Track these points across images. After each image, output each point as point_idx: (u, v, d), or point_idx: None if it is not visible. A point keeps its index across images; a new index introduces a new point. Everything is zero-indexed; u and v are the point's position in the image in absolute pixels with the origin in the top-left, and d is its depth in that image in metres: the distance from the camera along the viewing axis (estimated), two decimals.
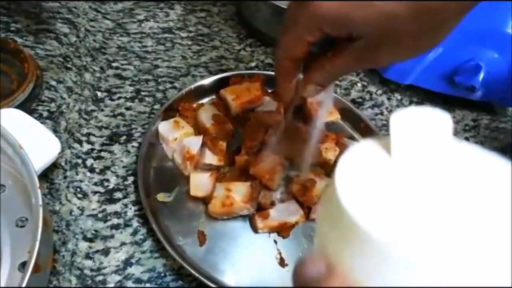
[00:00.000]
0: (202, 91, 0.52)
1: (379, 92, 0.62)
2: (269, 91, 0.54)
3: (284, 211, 0.44)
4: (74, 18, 0.56)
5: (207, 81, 0.53)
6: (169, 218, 0.43)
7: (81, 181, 0.44)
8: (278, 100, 0.52)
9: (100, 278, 0.39)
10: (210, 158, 0.45)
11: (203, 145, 0.45)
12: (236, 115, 0.50)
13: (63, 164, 0.44)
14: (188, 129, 0.47)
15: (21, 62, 0.46)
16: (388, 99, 0.62)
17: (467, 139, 0.60)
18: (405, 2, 0.27)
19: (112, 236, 0.41)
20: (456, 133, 0.60)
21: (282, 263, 0.43)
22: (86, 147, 0.47)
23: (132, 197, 0.44)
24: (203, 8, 0.65)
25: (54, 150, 0.40)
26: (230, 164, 0.46)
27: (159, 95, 0.53)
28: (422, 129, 0.18)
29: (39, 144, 0.39)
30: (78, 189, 0.43)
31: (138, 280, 0.39)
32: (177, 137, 0.46)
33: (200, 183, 0.44)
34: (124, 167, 0.46)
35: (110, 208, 0.43)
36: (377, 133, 0.54)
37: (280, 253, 0.43)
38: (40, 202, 0.32)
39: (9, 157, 0.36)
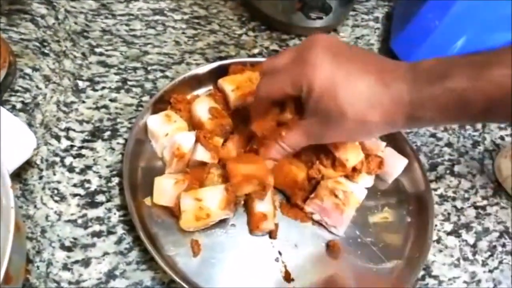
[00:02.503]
0: (197, 81, 0.52)
1: None
2: None
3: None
4: None
5: (204, 69, 0.53)
6: (159, 225, 0.43)
7: (58, 182, 0.44)
8: None
9: None
10: (202, 154, 0.45)
11: (196, 140, 0.45)
12: (235, 108, 0.50)
13: (38, 162, 0.45)
14: (181, 123, 0.48)
15: None
16: None
17: (502, 138, 0.60)
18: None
19: (93, 245, 0.42)
20: (490, 131, 0.60)
21: (287, 277, 0.43)
22: (65, 143, 0.47)
23: (117, 200, 0.44)
24: None
25: (28, 146, 0.40)
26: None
27: (148, 85, 0.53)
28: None
29: (11, 139, 0.39)
30: (55, 191, 0.44)
31: None
32: (168, 133, 0.46)
33: (163, 190, 0.43)
34: (107, 166, 0.46)
35: (92, 213, 0.43)
36: (400, 134, 0.54)
37: (285, 266, 0.43)
38: (12, 204, 0.33)
39: None
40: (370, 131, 0.38)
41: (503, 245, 0.50)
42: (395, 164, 0.50)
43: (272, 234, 0.45)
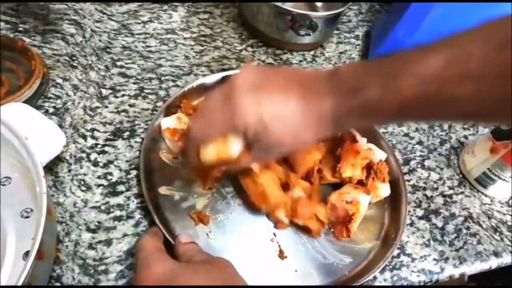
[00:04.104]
0: (204, 89, 0.53)
1: None
2: None
3: None
4: (80, 19, 0.57)
5: (209, 79, 0.53)
6: (171, 211, 0.43)
7: (85, 174, 0.45)
8: None
9: (102, 267, 0.39)
10: None
11: None
12: None
13: (67, 158, 0.45)
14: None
15: (28, 60, 0.47)
16: None
17: (465, 137, 0.60)
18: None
19: (114, 228, 0.42)
20: (455, 131, 0.60)
21: (281, 255, 0.43)
22: (91, 142, 0.47)
23: (135, 190, 0.45)
24: (206, 10, 0.67)
25: (59, 144, 0.41)
26: None
27: (162, 93, 0.54)
28: None
29: (44, 137, 0.40)
30: (82, 182, 0.44)
31: None
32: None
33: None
34: (127, 161, 0.47)
35: (113, 200, 0.44)
36: (377, 132, 0.54)
37: (279, 246, 0.44)
38: (44, 190, 0.33)
39: (15, 149, 0.37)
40: (304, 145, 0.41)
41: (467, 228, 0.50)
42: (377, 157, 0.51)
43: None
